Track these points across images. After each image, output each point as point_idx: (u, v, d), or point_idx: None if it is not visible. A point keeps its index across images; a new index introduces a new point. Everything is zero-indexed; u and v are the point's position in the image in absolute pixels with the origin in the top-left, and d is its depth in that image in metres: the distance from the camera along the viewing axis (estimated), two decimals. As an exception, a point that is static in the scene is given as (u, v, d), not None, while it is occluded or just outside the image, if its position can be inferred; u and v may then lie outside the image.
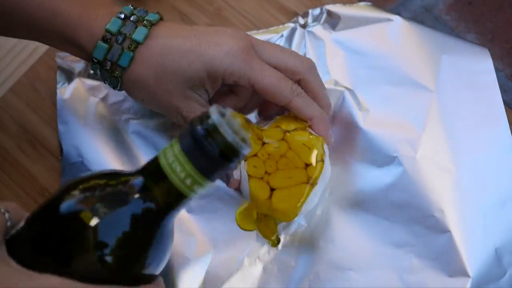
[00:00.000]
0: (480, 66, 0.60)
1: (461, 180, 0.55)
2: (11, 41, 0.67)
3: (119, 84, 0.53)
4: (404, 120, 0.58)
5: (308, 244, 0.56)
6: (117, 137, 0.61)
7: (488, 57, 0.60)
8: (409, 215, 0.55)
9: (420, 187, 0.55)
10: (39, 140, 0.63)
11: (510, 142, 0.57)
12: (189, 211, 0.58)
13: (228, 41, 0.53)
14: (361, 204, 0.56)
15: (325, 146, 0.54)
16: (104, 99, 0.62)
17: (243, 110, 0.60)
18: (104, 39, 0.52)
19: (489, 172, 0.56)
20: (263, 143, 0.54)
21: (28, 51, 0.66)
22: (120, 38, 0.52)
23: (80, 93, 0.63)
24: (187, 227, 0.57)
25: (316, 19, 0.64)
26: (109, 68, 0.52)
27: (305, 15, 0.65)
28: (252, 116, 0.61)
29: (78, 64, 0.63)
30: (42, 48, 0.66)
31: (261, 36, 0.64)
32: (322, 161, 0.53)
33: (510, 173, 0.56)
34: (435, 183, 0.55)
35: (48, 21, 0.51)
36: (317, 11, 0.65)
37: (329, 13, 0.64)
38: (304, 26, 0.64)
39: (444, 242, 0.53)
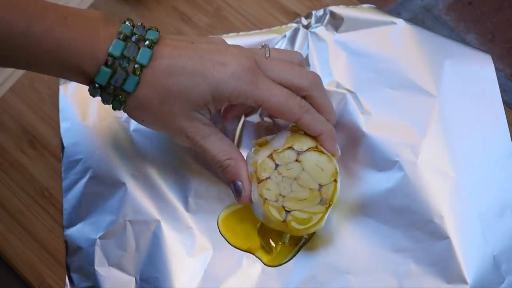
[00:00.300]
0: (482, 72, 0.60)
1: (461, 186, 0.55)
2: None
3: (122, 106, 0.52)
4: (406, 124, 0.58)
5: (307, 246, 0.56)
6: (119, 135, 0.61)
7: (491, 63, 0.60)
8: (409, 220, 0.55)
9: (420, 193, 0.55)
10: (39, 140, 0.63)
11: (510, 149, 0.57)
12: (188, 211, 0.58)
13: (232, 61, 0.52)
14: (361, 208, 0.56)
15: (337, 167, 0.54)
16: None
17: (248, 114, 0.61)
18: (107, 64, 0.50)
19: (489, 179, 0.56)
20: (277, 166, 0.54)
21: (28, 51, 0.66)
22: (124, 62, 0.50)
23: (83, 90, 0.62)
24: (186, 226, 0.57)
25: (319, 20, 0.64)
26: (112, 92, 0.51)
27: (308, 16, 0.65)
28: (254, 117, 0.61)
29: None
30: (42, 48, 0.66)
31: (264, 36, 0.64)
32: (336, 181, 0.53)
33: (510, 181, 0.56)
34: (435, 189, 0.55)
35: (51, 54, 0.49)
36: (320, 12, 0.64)
37: (332, 14, 0.64)
38: (307, 27, 0.64)
39: (443, 248, 0.53)
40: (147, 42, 0.51)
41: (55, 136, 0.63)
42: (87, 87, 0.62)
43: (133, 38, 0.51)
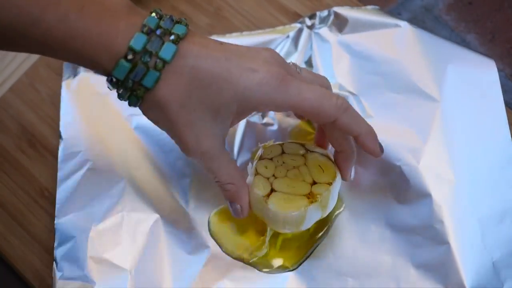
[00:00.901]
0: (485, 77, 0.60)
1: (462, 191, 0.55)
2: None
3: (138, 103, 0.49)
4: (408, 128, 0.58)
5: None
6: (120, 131, 0.61)
7: (494, 69, 0.60)
8: (409, 225, 0.55)
9: (421, 197, 0.55)
10: (39, 140, 0.63)
11: (511, 156, 0.57)
12: (187, 208, 0.58)
13: (262, 67, 0.48)
14: (361, 211, 0.56)
15: (338, 178, 0.54)
16: (108, 93, 0.61)
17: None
18: (127, 58, 0.46)
19: (490, 185, 0.56)
20: (283, 152, 0.54)
21: (28, 51, 0.66)
22: (146, 56, 0.46)
23: (85, 86, 0.63)
24: (185, 223, 0.57)
25: (323, 21, 0.64)
26: (130, 86, 0.47)
27: (312, 16, 0.65)
28: (256, 118, 0.61)
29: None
30: (42, 47, 0.66)
31: (267, 36, 0.64)
32: (329, 184, 0.53)
33: (510, 187, 0.56)
34: (436, 194, 0.55)
35: (65, 43, 0.46)
36: (324, 13, 0.64)
37: (337, 15, 0.64)
38: (310, 27, 0.64)
39: (443, 253, 0.53)
40: (172, 37, 0.47)
41: (55, 136, 0.63)
42: (89, 83, 0.62)
43: (158, 32, 0.47)
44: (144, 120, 0.60)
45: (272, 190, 0.53)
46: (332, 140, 0.53)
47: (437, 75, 0.60)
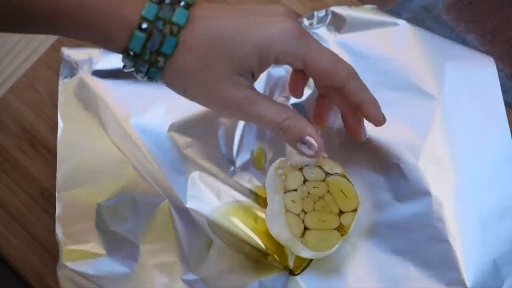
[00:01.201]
0: (484, 74, 0.60)
1: (462, 189, 0.55)
2: (12, 40, 0.67)
3: (159, 75, 0.48)
4: (407, 126, 0.58)
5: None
6: (119, 130, 0.61)
7: (493, 66, 0.60)
8: (409, 223, 0.55)
9: (420, 195, 0.55)
10: (39, 140, 0.63)
11: (510, 153, 0.57)
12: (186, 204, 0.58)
13: (281, 18, 0.48)
14: (360, 210, 0.56)
15: (359, 201, 0.54)
16: (106, 94, 0.61)
17: None
18: (141, 28, 0.46)
19: (490, 182, 0.56)
20: (305, 181, 0.54)
21: (29, 51, 0.66)
22: (160, 24, 0.46)
23: (83, 87, 0.62)
24: (188, 219, 0.57)
25: (321, 20, 0.64)
26: (148, 58, 0.47)
27: (310, 16, 0.65)
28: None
29: (83, 59, 0.63)
30: (43, 47, 0.66)
31: None
32: (355, 211, 0.53)
33: (510, 184, 0.56)
34: (435, 192, 0.55)
35: (73, 18, 0.46)
36: (322, 12, 0.64)
37: (335, 15, 0.64)
38: (308, 27, 0.64)
39: (442, 251, 0.53)
40: (182, 3, 0.47)
41: (55, 136, 0.63)
42: (87, 84, 0.61)
43: (167, 1, 0.47)
44: (143, 120, 0.60)
45: (305, 228, 0.52)
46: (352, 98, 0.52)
47: (436, 72, 0.60)
